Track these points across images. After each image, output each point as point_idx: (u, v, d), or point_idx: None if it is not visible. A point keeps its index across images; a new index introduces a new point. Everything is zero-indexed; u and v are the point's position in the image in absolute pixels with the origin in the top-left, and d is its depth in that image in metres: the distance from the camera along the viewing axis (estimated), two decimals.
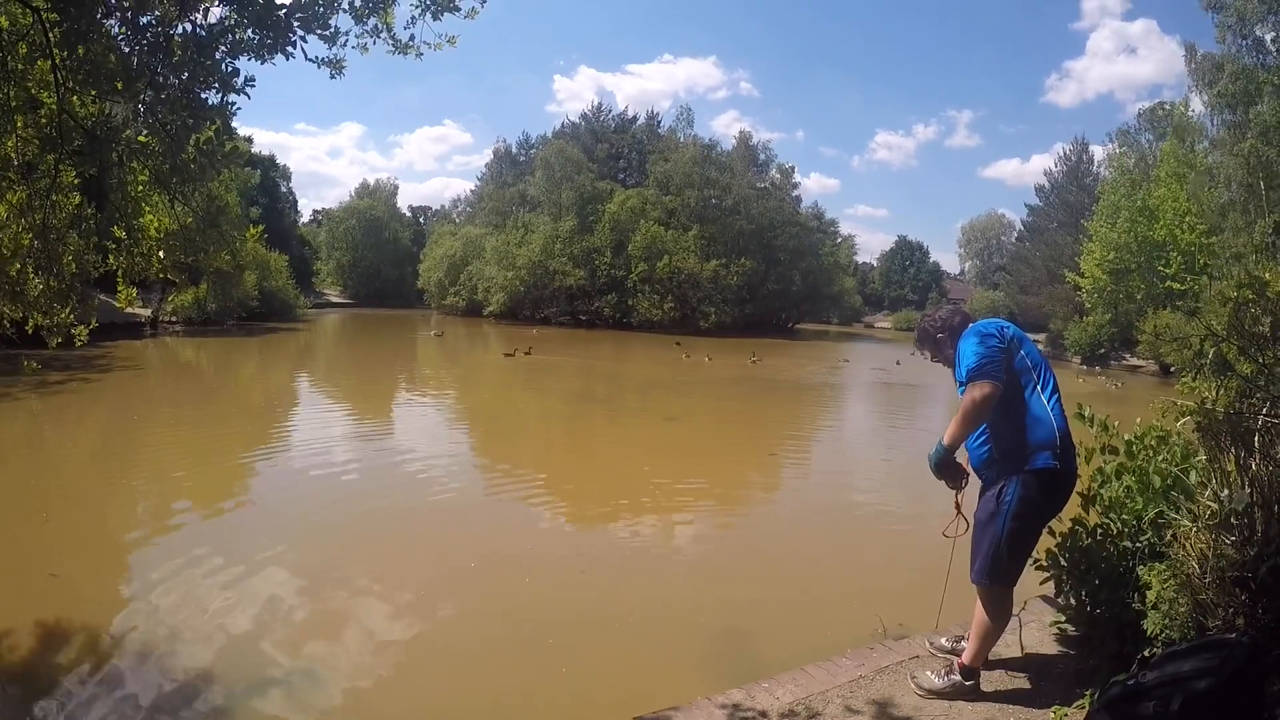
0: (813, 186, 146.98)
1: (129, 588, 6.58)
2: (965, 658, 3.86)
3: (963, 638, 4.15)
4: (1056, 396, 3.77)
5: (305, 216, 78.36)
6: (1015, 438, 3.69)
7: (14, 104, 4.36)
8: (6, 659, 5.14)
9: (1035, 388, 3.75)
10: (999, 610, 3.82)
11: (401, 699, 5.09)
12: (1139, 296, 35.18)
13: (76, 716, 4.60)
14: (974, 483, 4.01)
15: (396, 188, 73.76)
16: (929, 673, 3.90)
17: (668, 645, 5.86)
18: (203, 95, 4.21)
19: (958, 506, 4.16)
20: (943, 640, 4.37)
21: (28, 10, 4.20)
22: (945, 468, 3.89)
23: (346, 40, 4.62)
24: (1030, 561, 4.53)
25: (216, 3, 4.06)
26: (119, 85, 3.95)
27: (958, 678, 3.78)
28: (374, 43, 4.84)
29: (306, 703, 4.92)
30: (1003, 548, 3.70)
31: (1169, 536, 3.51)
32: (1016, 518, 3.67)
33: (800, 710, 3.60)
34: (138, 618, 5.91)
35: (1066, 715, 3.41)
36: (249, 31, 4.03)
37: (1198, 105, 33.52)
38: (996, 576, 3.76)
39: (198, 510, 8.73)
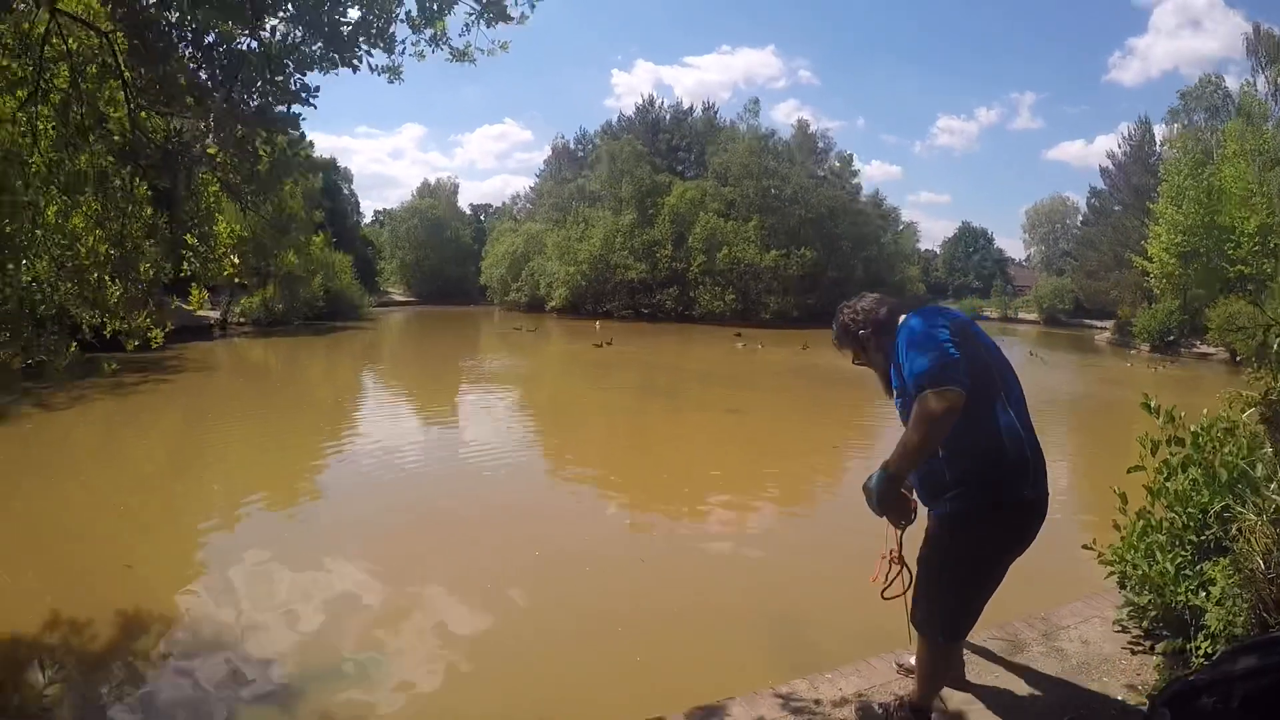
0: (875, 174, 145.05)
1: (202, 578, 6.85)
2: (914, 697, 3.37)
3: None
4: (1022, 404, 3.09)
5: (368, 218, 79.83)
6: (977, 461, 2.98)
7: (87, 123, 4.56)
8: (89, 647, 5.40)
9: (1001, 394, 3.03)
10: (944, 663, 3.35)
11: (475, 688, 5.23)
12: (1211, 281, 33.98)
13: (154, 700, 4.83)
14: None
15: (457, 186, 74.74)
16: (876, 708, 3.47)
17: (733, 635, 5.94)
18: (276, 108, 4.38)
19: (897, 555, 3.46)
20: (911, 660, 3.72)
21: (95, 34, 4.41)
22: (889, 501, 3.03)
23: (404, 48, 4.77)
24: (1094, 556, 4.49)
25: (282, 21, 4.20)
26: (190, 103, 4.12)
27: (907, 714, 3.33)
28: (432, 51, 4.98)
29: (378, 690, 5.07)
30: (954, 595, 3.13)
31: (1234, 531, 3.46)
32: (975, 561, 3.07)
33: (853, 699, 3.62)
34: (211, 607, 6.17)
35: (1127, 711, 3.38)
36: (315, 46, 4.17)
37: (1262, 84, 32.39)
38: (946, 631, 3.19)
39: (268, 504, 9.02)
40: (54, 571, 6.77)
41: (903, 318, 3.18)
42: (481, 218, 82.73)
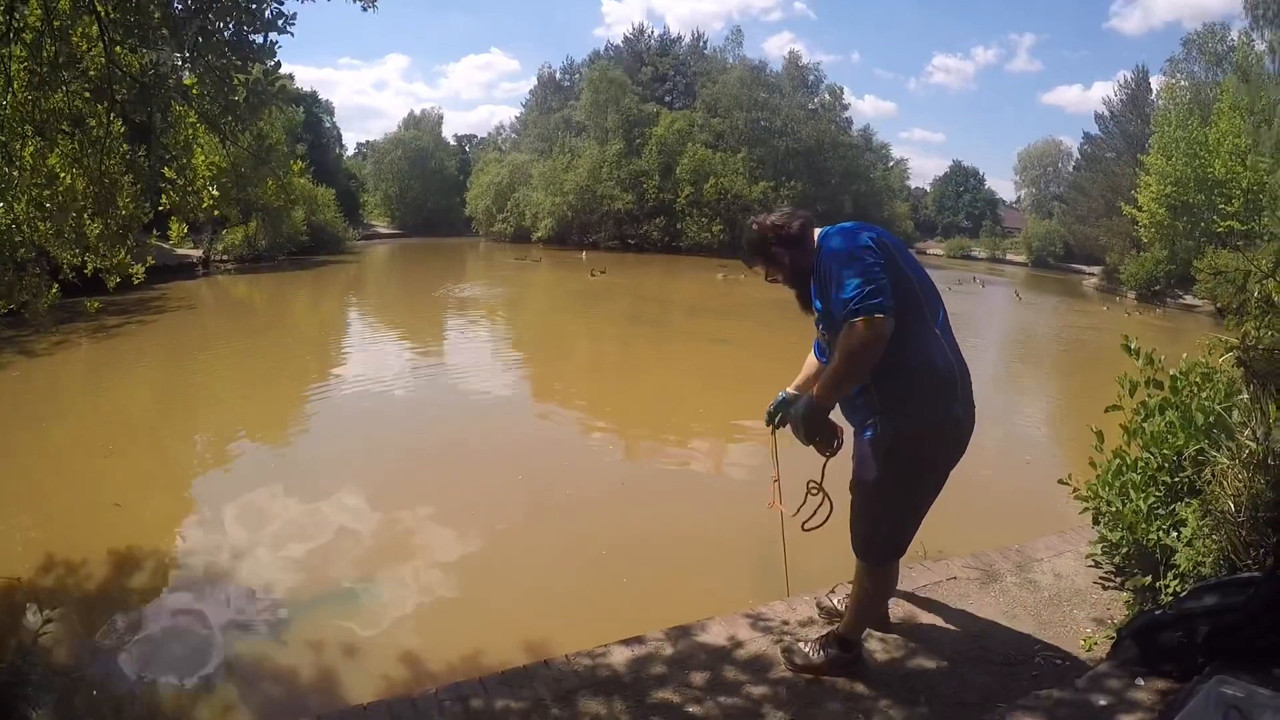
0: (868, 110, 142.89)
1: (192, 514, 6.92)
2: (843, 629, 3.32)
3: None
4: (946, 323, 3.00)
5: (351, 150, 78.50)
6: (907, 382, 2.90)
7: (60, 60, 4.45)
8: (82, 586, 5.45)
9: (927, 314, 2.93)
10: (884, 583, 3.28)
11: (463, 612, 5.35)
12: (1198, 234, 33.39)
13: (148, 636, 4.89)
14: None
15: (441, 117, 73.32)
16: (802, 645, 3.37)
17: (717, 559, 6.09)
18: (250, 37, 4.28)
19: (818, 485, 3.44)
20: (835, 601, 3.78)
21: None
22: (816, 427, 3.04)
23: None
24: (1070, 491, 4.56)
25: None
26: (165, 33, 4.02)
27: (835, 650, 3.26)
28: None
29: (368, 616, 5.17)
30: (893, 514, 3.09)
31: (1207, 474, 3.52)
32: (906, 481, 3.00)
33: (821, 620, 3.72)
34: (201, 542, 6.24)
35: (1095, 644, 3.47)
36: None
37: (1259, 43, 31.81)
38: (887, 550, 3.17)
39: (255, 439, 9.05)
40: (44, 514, 6.77)
41: (819, 233, 3.06)
42: (466, 148, 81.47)
